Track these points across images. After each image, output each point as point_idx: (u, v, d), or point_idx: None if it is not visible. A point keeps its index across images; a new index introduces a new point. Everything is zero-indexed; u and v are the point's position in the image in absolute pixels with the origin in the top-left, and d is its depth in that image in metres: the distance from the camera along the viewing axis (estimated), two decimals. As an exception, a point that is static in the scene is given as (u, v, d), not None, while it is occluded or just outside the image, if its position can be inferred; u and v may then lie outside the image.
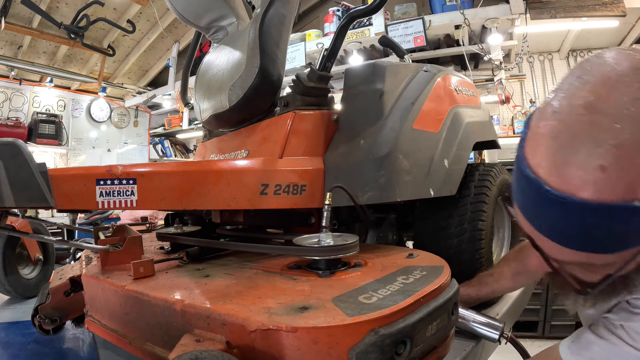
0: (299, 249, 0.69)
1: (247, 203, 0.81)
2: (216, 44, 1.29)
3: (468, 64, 3.72)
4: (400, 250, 0.81)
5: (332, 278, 0.64)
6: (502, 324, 0.77)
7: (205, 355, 0.45)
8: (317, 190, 0.88)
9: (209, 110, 1.17)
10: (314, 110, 0.99)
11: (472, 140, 1.10)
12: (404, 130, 0.91)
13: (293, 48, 4.10)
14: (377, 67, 0.98)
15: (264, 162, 0.87)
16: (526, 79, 4.22)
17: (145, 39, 5.33)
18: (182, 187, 0.77)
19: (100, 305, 0.78)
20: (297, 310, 0.50)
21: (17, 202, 0.65)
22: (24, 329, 1.03)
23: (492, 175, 1.11)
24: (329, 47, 1.00)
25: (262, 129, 1.05)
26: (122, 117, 6.19)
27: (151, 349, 0.63)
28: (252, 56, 1.01)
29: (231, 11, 1.26)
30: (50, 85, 5.33)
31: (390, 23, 3.74)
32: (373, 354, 0.45)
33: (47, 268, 1.42)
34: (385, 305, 0.49)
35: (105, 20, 4.53)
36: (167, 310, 0.60)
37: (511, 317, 1.09)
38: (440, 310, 0.54)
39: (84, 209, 0.78)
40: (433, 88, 1.03)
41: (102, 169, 0.72)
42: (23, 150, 0.65)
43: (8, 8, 4.10)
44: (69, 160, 5.55)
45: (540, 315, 3.52)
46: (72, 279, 0.88)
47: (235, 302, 0.56)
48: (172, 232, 0.97)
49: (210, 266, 0.81)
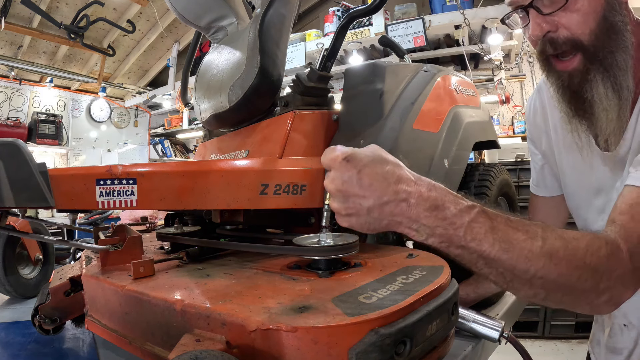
0: (299, 249, 0.69)
1: (247, 203, 0.81)
2: (216, 44, 1.29)
3: (468, 64, 3.72)
4: (400, 250, 0.80)
5: (332, 278, 0.64)
6: (502, 324, 0.77)
7: (205, 355, 0.45)
8: (317, 190, 0.88)
9: (208, 110, 1.17)
10: (314, 110, 0.99)
11: (472, 140, 1.10)
12: (404, 130, 0.91)
13: (293, 48, 4.10)
14: (377, 67, 0.98)
15: (264, 162, 0.87)
16: (526, 79, 4.22)
17: (145, 39, 5.33)
18: (182, 187, 0.77)
19: (100, 305, 0.78)
20: (297, 310, 0.50)
21: (17, 202, 0.65)
22: (24, 329, 1.03)
23: (492, 175, 1.11)
24: (329, 47, 1.00)
25: (262, 129, 1.05)
26: (122, 117, 6.19)
27: (151, 349, 0.63)
28: (252, 56, 1.01)
29: (231, 11, 1.26)
30: (50, 85, 5.33)
31: (390, 23, 3.75)
32: (373, 353, 0.45)
33: (47, 268, 1.42)
34: (385, 305, 0.49)
35: (105, 20, 4.53)
36: (167, 310, 0.60)
37: (511, 317, 1.09)
38: (440, 310, 0.54)
39: (84, 209, 0.78)
40: (433, 88, 1.03)
41: (102, 169, 0.72)
42: (23, 150, 0.65)
43: (8, 8, 4.10)
44: (69, 160, 5.56)
45: (540, 315, 3.53)
46: (72, 279, 0.88)
47: (235, 302, 0.56)
48: (172, 232, 0.97)
49: (210, 266, 0.81)
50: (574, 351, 3.26)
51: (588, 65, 0.76)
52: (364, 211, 0.56)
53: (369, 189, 0.55)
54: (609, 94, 0.75)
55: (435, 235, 0.56)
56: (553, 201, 1.10)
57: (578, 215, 1.02)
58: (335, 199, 0.57)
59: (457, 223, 0.55)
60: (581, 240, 0.56)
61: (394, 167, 0.57)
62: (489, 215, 0.56)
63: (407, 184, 0.56)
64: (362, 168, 0.56)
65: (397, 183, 0.55)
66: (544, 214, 1.12)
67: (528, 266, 0.54)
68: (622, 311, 0.94)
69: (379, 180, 0.55)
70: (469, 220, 0.55)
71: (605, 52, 0.74)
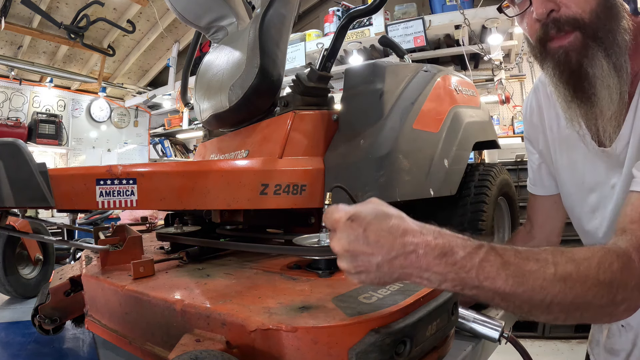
0: (299, 249, 0.69)
1: (247, 203, 0.81)
2: (216, 44, 1.29)
3: (468, 64, 3.72)
4: (400, 250, 0.80)
5: (332, 278, 0.64)
6: (502, 324, 0.77)
7: (205, 355, 0.45)
8: (317, 190, 0.88)
9: (209, 110, 1.17)
10: (314, 110, 0.99)
11: (472, 140, 1.10)
12: (404, 130, 0.91)
13: (293, 48, 4.10)
14: (377, 67, 0.98)
15: (264, 162, 0.87)
16: (526, 79, 4.21)
17: (145, 39, 5.33)
18: (182, 187, 0.77)
19: (100, 305, 0.78)
20: (297, 310, 0.50)
21: (17, 202, 0.65)
22: (24, 329, 1.03)
23: (492, 175, 1.11)
24: (329, 47, 1.00)
25: (262, 129, 1.05)
26: (122, 117, 6.19)
27: (151, 349, 0.63)
28: (252, 56, 1.01)
29: (231, 11, 1.26)
30: (50, 85, 5.33)
31: (390, 23, 3.75)
32: (373, 353, 0.45)
33: (47, 268, 1.41)
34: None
35: (105, 20, 4.53)
36: (167, 310, 0.60)
37: (511, 317, 1.09)
38: (440, 310, 0.54)
39: (84, 209, 0.78)
40: (433, 88, 1.03)
41: (102, 169, 0.72)
42: (23, 150, 0.65)
43: (8, 8, 4.10)
44: (69, 160, 5.55)
45: (540, 315, 3.51)
46: (72, 279, 0.88)
47: (235, 302, 0.56)
48: (172, 232, 0.97)
49: (210, 266, 0.81)
50: (574, 351, 3.26)
51: (588, 42, 0.76)
52: (373, 267, 0.57)
53: (377, 246, 0.56)
54: (611, 72, 0.75)
55: (448, 280, 0.56)
56: (551, 200, 1.10)
57: (573, 214, 1.02)
58: (343, 259, 0.57)
59: (468, 266, 0.55)
60: (592, 259, 0.57)
61: (398, 220, 0.57)
62: (498, 252, 0.56)
63: (413, 236, 0.56)
64: (367, 226, 0.56)
65: (403, 236, 0.56)
66: (542, 213, 1.12)
67: (544, 295, 0.54)
68: None
69: (385, 236, 0.56)
70: (480, 260, 0.55)
71: (606, 31, 0.75)
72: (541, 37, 0.80)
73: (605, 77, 0.76)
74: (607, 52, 0.75)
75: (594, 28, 0.75)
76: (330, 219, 0.59)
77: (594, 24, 0.75)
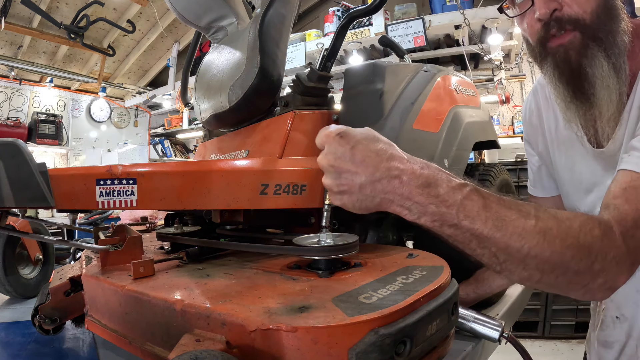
0: (299, 249, 0.69)
1: (247, 203, 0.81)
2: (216, 44, 1.29)
3: (468, 64, 3.72)
4: (400, 250, 0.80)
5: (332, 278, 0.64)
6: (502, 324, 0.77)
7: (205, 355, 0.45)
8: (317, 190, 0.88)
9: (209, 110, 1.17)
10: (314, 110, 0.99)
11: (472, 140, 1.10)
12: (404, 130, 0.91)
13: (293, 48, 4.10)
14: (377, 67, 0.98)
15: (264, 162, 0.87)
16: (526, 79, 4.22)
17: (145, 39, 5.33)
18: (182, 187, 0.77)
19: (100, 305, 0.78)
20: (297, 310, 0.50)
21: (17, 202, 0.65)
22: (24, 329, 1.03)
23: (492, 175, 1.11)
24: (329, 47, 1.00)
25: (262, 129, 1.05)
26: (122, 117, 6.19)
27: (151, 349, 0.63)
28: (252, 56, 1.01)
29: (231, 11, 1.26)
30: (50, 85, 5.33)
31: (390, 23, 3.75)
32: (373, 353, 0.45)
33: (47, 268, 1.42)
34: (385, 305, 0.49)
35: (105, 20, 4.53)
36: (167, 310, 0.60)
37: (511, 317, 1.09)
38: (440, 310, 0.54)
39: (84, 209, 0.78)
40: (433, 88, 1.03)
41: (102, 169, 0.72)
42: (23, 150, 0.65)
43: (8, 8, 4.10)
44: (69, 160, 5.56)
45: (540, 315, 3.53)
46: (72, 279, 0.88)
47: (235, 302, 0.56)
48: (172, 232, 0.97)
49: (210, 266, 0.81)
50: (574, 351, 3.26)
51: (588, 42, 0.76)
52: (356, 188, 0.56)
53: (362, 165, 0.56)
54: (610, 72, 0.75)
55: (428, 213, 0.55)
56: (551, 201, 1.10)
57: None
58: (328, 175, 0.57)
59: (450, 201, 0.55)
60: (574, 220, 0.56)
61: (386, 145, 0.57)
62: (481, 193, 0.56)
63: (399, 162, 0.56)
64: (356, 144, 0.56)
65: (389, 160, 0.55)
66: None
67: (521, 244, 0.53)
68: (615, 303, 0.93)
69: (372, 157, 0.55)
70: (462, 198, 0.54)
71: (606, 32, 0.75)
72: (542, 36, 0.80)
73: (605, 78, 0.76)
74: (607, 53, 0.76)
75: (594, 28, 0.76)
76: (320, 135, 0.58)
77: (594, 24, 0.76)
